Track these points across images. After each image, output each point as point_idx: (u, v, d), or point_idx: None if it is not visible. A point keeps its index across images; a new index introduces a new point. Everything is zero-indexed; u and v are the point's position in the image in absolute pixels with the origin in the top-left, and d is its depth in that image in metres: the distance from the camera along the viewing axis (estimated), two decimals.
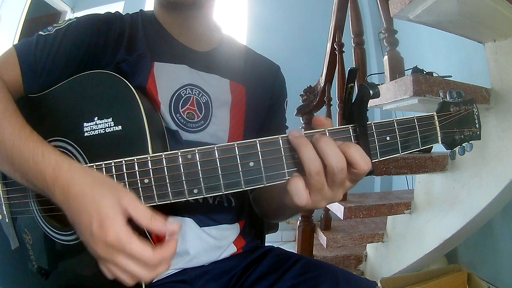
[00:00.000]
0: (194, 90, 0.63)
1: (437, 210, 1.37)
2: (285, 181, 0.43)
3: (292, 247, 1.77)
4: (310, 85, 1.92)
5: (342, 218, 1.46)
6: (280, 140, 0.42)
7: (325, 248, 1.74)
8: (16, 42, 0.60)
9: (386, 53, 1.36)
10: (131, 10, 0.69)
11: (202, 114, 0.63)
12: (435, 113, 0.49)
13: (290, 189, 0.41)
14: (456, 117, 0.50)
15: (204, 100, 0.63)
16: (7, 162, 0.46)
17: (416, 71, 1.24)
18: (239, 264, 0.67)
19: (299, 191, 0.40)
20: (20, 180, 0.46)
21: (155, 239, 0.58)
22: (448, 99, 0.51)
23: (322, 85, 1.81)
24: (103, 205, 0.39)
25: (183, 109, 0.61)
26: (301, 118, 1.84)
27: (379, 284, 1.30)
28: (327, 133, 0.43)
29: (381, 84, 1.26)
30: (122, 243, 0.38)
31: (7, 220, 0.58)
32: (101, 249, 0.38)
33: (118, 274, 0.40)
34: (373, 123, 0.45)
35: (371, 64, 2.94)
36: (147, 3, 2.91)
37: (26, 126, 0.47)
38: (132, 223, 0.40)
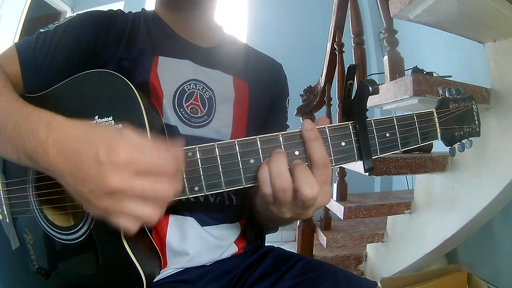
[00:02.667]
0: (198, 85, 0.63)
1: (437, 210, 1.37)
2: None
3: (292, 247, 1.77)
4: (310, 85, 1.92)
5: (342, 218, 1.47)
6: (280, 137, 0.42)
7: (325, 248, 1.74)
8: (16, 42, 0.60)
9: (386, 53, 1.36)
10: (131, 9, 0.69)
11: (206, 109, 0.63)
12: (434, 109, 0.49)
13: (259, 176, 0.41)
14: (455, 114, 0.50)
15: (208, 96, 0.63)
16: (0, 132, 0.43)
17: (416, 71, 1.24)
18: (240, 264, 0.67)
19: (266, 181, 0.41)
20: (10, 152, 0.42)
21: (155, 238, 0.58)
22: (447, 96, 0.51)
23: (322, 85, 1.81)
24: (107, 131, 0.36)
25: (187, 104, 0.61)
26: (301, 118, 1.84)
27: (379, 284, 1.30)
28: (327, 130, 0.43)
29: (381, 84, 1.26)
30: (136, 158, 0.34)
31: (7, 220, 0.58)
32: (114, 176, 0.34)
33: (139, 209, 0.35)
34: (373, 119, 0.45)
35: (371, 64, 2.95)
36: (147, 3, 2.91)
37: (22, 100, 0.46)
38: None
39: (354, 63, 1.50)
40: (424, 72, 1.24)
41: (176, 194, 0.38)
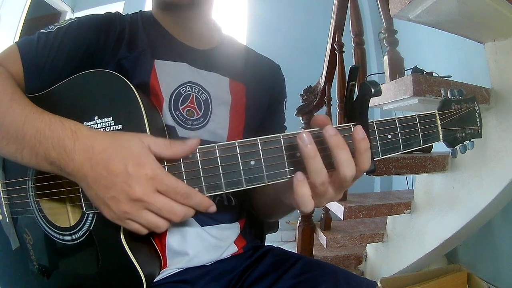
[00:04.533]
0: (194, 87, 0.63)
1: (437, 210, 1.37)
2: (286, 179, 0.42)
3: (292, 247, 1.77)
4: (310, 85, 1.92)
5: (342, 218, 1.46)
6: (282, 139, 0.42)
7: (325, 248, 1.74)
8: (16, 41, 0.60)
9: (386, 53, 1.37)
10: (131, 10, 0.69)
11: (202, 111, 0.63)
12: (436, 111, 0.49)
13: (297, 199, 0.41)
14: (457, 115, 0.50)
15: (204, 98, 0.64)
16: (15, 140, 0.45)
17: (416, 71, 1.24)
18: (240, 264, 0.67)
19: (306, 200, 0.41)
20: (27, 157, 0.44)
21: (155, 238, 0.58)
22: (449, 97, 0.51)
23: (322, 85, 1.81)
24: (134, 147, 0.41)
25: (182, 106, 0.61)
26: (301, 118, 1.84)
27: (379, 284, 1.30)
28: (336, 132, 0.43)
29: (381, 84, 1.26)
30: (161, 175, 0.40)
31: (7, 220, 0.58)
32: (139, 190, 0.39)
33: (152, 219, 0.41)
34: (375, 121, 0.45)
35: (371, 64, 2.94)
36: (147, 3, 2.91)
37: (37, 107, 0.47)
38: None
39: (354, 63, 1.50)
40: (424, 72, 1.24)
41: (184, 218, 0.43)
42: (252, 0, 3.19)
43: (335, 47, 1.68)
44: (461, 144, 0.51)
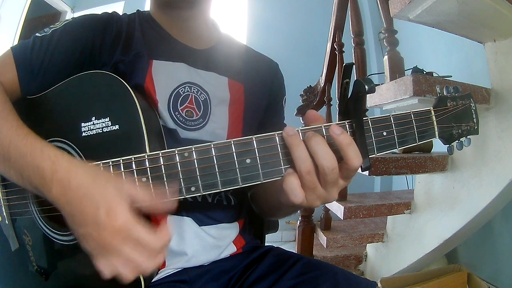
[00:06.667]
0: (192, 88, 0.63)
1: (437, 210, 1.37)
2: (281, 177, 0.43)
3: (292, 247, 1.77)
4: (310, 85, 1.92)
5: (342, 218, 1.47)
6: (277, 137, 0.42)
7: (325, 248, 1.74)
8: (16, 42, 0.60)
9: (386, 53, 1.36)
10: (131, 10, 0.69)
11: (201, 112, 0.63)
12: (432, 107, 0.49)
13: (285, 188, 0.41)
14: (453, 112, 0.50)
15: (203, 98, 0.63)
16: (2, 159, 0.45)
17: (416, 71, 1.24)
18: (239, 264, 0.67)
19: (294, 190, 0.41)
20: (15, 178, 0.45)
21: None
22: (445, 93, 0.51)
23: (322, 85, 1.81)
24: (108, 193, 0.39)
25: (181, 107, 0.61)
26: (301, 118, 1.84)
27: (379, 284, 1.30)
28: (323, 129, 0.43)
29: (381, 84, 1.25)
30: (129, 228, 0.38)
31: (6, 222, 0.58)
32: (107, 237, 0.38)
33: (119, 268, 0.39)
34: (370, 118, 0.45)
35: (371, 64, 2.94)
36: (147, 3, 2.91)
37: (24, 126, 0.47)
38: None
39: (354, 63, 1.50)
40: (424, 72, 1.24)
41: (157, 266, 0.42)
42: (252, 0, 3.19)
43: (335, 47, 1.69)
44: (457, 141, 0.51)
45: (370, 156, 0.43)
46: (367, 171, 1.08)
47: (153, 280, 0.58)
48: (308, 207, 0.48)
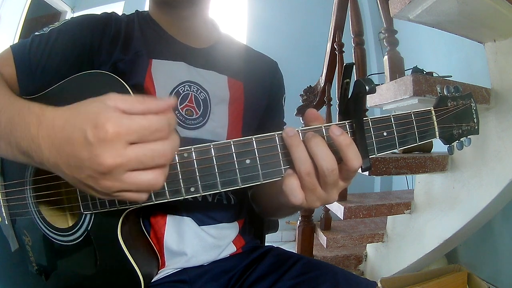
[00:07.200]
0: (192, 87, 0.63)
1: (437, 210, 1.37)
2: (281, 178, 0.43)
3: (292, 247, 1.77)
4: (310, 85, 1.93)
5: (342, 218, 1.47)
6: (276, 137, 0.42)
7: (325, 248, 1.74)
8: (16, 42, 0.60)
9: (386, 53, 1.36)
10: (131, 10, 0.69)
11: (201, 111, 0.63)
12: (432, 107, 0.49)
13: (285, 189, 0.41)
14: (453, 112, 0.50)
15: (203, 97, 0.63)
16: None
17: (416, 71, 1.24)
18: (239, 264, 0.67)
19: (294, 191, 0.41)
20: (4, 149, 0.41)
21: (153, 238, 0.58)
22: (445, 93, 0.51)
23: (322, 85, 1.81)
24: (91, 109, 0.34)
25: (181, 106, 0.61)
26: (301, 118, 1.84)
27: (379, 284, 1.30)
28: (324, 130, 0.43)
29: (381, 84, 1.25)
30: (124, 126, 0.32)
31: (6, 222, 0.58)
32: (106, 153, 0.32)
33: (142, 178, 0.34)
34: (370, 118, 0.45)
35: (371, 64, 2.94)
36: (147, 3, 2.91)
37: (16, 96, 0.45)
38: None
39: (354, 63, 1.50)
40: (424, 72, 1.24)
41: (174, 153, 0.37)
42: (252, 0, 3.19)
43: (335, 47, 1.69)
44: (457, 141, 0.51)
45: (370, 157, 0.43)
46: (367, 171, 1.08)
47: (152, 280, 0.58)
48: (308, 208, 0.47)
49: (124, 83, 0.49)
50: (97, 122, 0.32)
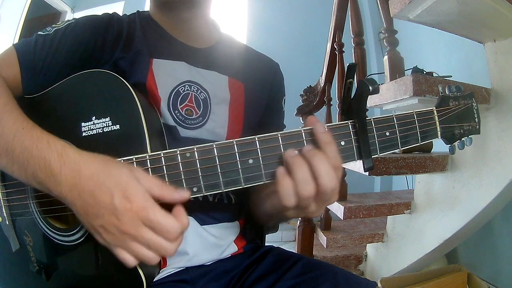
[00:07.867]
0: (192, 87, 0.63)
1: (437, 210, 1.37)
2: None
3: (292, 247, 1.77)
4: (310, 85, 1.93)
5: (342, 218, 1.46)
6: (279, 137, 0.42)
7: (325, 248, 1.74)
8: (16, 42, 0.60)
9: (386, 53, 1.37)
10: (131, 10, 0.69)
11: (201, 110, 0.63)
12: (434, 107, 0.49)
13: (280, 190, 0.41)
14: (455, 112, 0.50)
15: (203, 97, 0.64)
16: (5, 154, 0.44)
17: (416, 71, 1.24)
18: (240, 264, 0.67)
19: (288, 194, 0.40)
20: (18, 173, 0.44)
21: None
22: (447, 93, 0.51)
23: (322, 85, 1.81)
24: (122, 178, 0.38)
25: (181, 106, 0.61)
26: (301, 118, 1.84)
27: (379, 284, 1.30)
28: (327, 129, 0.43)
29: (381, 84, 1.26)
30: (148, 210, 0.38)
31: (7, 222, 0.58)
32: (127, 221, 0.37)
33: (142, 252, 0.39)
34: (373, 118, 0.45)
35: (371, 64, 2.94)
36: (147, 3, 2.91)
37: (29, 120, 0.46)
38: None
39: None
40: (424, 72, 1.24)
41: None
42: (252, 0, 3.19)
43: (335, 47, 1.69)
44: (459, 141, 0.51)
45: (373, 157, 0.44)
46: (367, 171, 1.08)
47: (154, 280, 0.58)
48: (296, 217, 0.48)
49: (126, 82, 0.49)
50: (126, 193, 0.38)
